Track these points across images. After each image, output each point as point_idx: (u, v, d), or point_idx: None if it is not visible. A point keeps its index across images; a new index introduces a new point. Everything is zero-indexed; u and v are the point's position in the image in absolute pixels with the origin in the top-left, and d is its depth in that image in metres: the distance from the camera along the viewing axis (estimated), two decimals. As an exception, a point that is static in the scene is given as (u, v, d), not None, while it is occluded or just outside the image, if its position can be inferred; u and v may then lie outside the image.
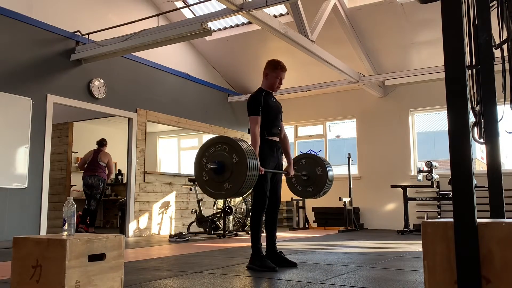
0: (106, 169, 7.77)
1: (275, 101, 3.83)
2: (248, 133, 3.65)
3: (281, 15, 7.96)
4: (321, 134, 9.97)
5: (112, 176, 9.03)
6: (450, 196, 1.91)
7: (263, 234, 3.59)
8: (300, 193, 4.30)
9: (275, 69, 3.71)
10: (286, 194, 6.20)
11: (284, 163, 3.90)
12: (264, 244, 3.59)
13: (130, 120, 7.29)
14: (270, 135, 3.66)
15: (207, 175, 3.03)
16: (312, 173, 4.19)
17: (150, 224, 7.45)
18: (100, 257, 2.25)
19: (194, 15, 8.06)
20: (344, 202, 8.18)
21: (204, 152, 3.11)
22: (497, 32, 2.40)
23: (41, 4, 6.26)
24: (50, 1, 6.42)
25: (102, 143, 8.01)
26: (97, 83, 6.71)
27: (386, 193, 8.71)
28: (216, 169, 3.02)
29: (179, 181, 8.10)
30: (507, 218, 1.83)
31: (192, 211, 7.70)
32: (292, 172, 3.93)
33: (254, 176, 3.04)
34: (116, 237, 2.36)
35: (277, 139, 3.76)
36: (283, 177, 3.91)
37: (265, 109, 3.63)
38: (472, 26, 2.27)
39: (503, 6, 2.37)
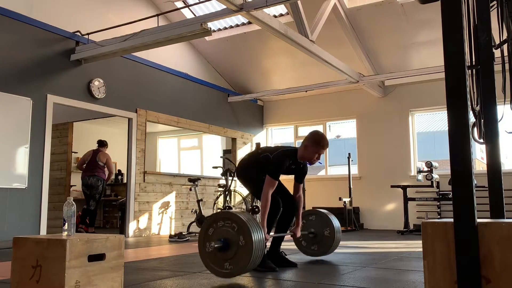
0: (106, 169, 7.77)
1: (294, 167, 3.70)
2: (257, 147, 3.64)
3: (281, 15, 7.96)
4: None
5: (113, 176, 9.01)
6: (450, 196, 1.91)
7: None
8: (303, 249, 4.22)
9: (317, 145, 3.58)
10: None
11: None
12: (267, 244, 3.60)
13: (130, 120, 7.29)
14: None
15: (210, 248, 2.97)
16: (319, 232, 4.13)
17: (150, 224, 7.45)
18: (100, 257, 2.25)
19: (194, 15, 8.06)
20: (344, 202, 8.18)
21: (212, 224, 3.05)
22: (497, 32, 2.40)
23: (41, 4, 6.26)
24: (50, 1, 6.42)
25: (102, 143, 8.01)
26: (97, 83, 6.71)
27: (386, 193, 8.71)
28: (221, 247, 2.96)
29: (179, 181, 8.10)
30: (507, 218, 1.83)
31: (192, 211, 7.70)
32: (298, 234, 3.87)
33: (259, 256, 2.97)
34: (116, 237, 2.36)
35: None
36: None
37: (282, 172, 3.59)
38: (472, 26, 2.27)
39: (503, 6, 2.37)
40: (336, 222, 4.15)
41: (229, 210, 7.05)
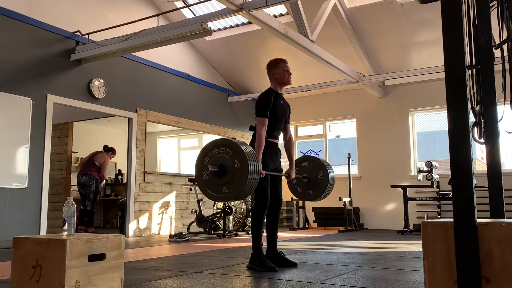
0: (102, 164, 7.74)
1: (283, 103, 3.78)
2: (250, 129, 3.65)
3: (281, 15, 7.96)
4: (321, 134, 9.97)
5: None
6: (450, 196, 1.91)
7: (264, 234, 3.59)
8: (299, 195, 4.28)
9: (277, 64, 3.75)
10: (286, 194, 6.19)
11: (286, 164, 3.89)
12: (264, 244, 3.60)
13: (130, 120, 7.29)
14: (270, 137, 3.66)
15: (207, 176, 3.02)
16: (314, 176, 4.17)
17: (150, 224, 7.45)
18: (100, 257, 2.25)
19: (194, 15, 8.06)
20: (344, 202, 8.18)
21: (207, 153, 3.10)
22: (497, 32, 2.40)
23: (41, 4, 6.26)
24: (50, 1, 6.42)
25: (106, 147, 8.05)
26: (97, 83, 6.71)
27: (386, 193, 8.71)
28: (217, 171, 3.01)
29: (179, 181, 8.10)
30: (507, 218, 1.83)
31: (192, 211, 7.70)
32: (293, 175, 3.92)
33: (254, 181, 3.03)
34: (116, 237, 2.36)
35: (277, 141, 3.76)
36: (284, 178, 3.91)
37: (272, 112, 3.61)
38: (472, 26, 2.27)
39: (503, 6, 2.37)
40: (328, 164, 4.20)
41: (229, 213, 7.07)
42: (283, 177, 3.86)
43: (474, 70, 2.31)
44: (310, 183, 4.19)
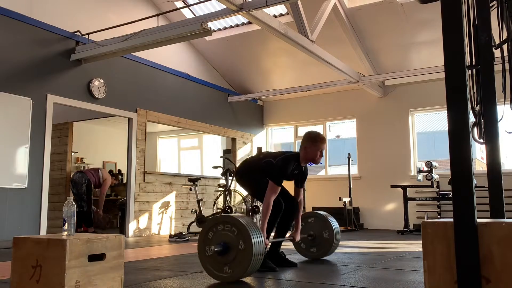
0: (100, 180, 7.81)
1: (297, 173, 3.69)
2: (258, 152, 3.63)
3: (281, 15, 7.96)
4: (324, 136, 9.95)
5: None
6: (450, 196, 1.91)
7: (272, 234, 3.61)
8: (303, 252, 4.20)
9: (315, 142, 3.59)
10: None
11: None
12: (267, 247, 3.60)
13: (130, 120, 7.29)
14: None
15: (210, 251, 2.97)
16: (319, 234, 4.11)
17: (150, 224, 7.45)
18: (100, 257, 2.25)
19: (194, 15, 8.06)
20: (344, 202, 8.18)
21: (212, 227, 3.03)
22: (497, 32, 2.40)
23: (41, 4, 6.26)
24: (50, 1, 6.42)
25: (112, 172, 8.32)
26: (97, 83, 6.70)
27: (386, 193, 8.71)
28: (221, 251, 2.95)
29: (179, 181, 8.10)
30: (507, 218, 1.83)
31: (192, 211, 7.70)
32: (297, 238, 3.85)
33: (258, 260, 2.96)
34: (116, 237, 2.36)
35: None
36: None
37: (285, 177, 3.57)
38: (472, 26, 2.27)
39: (503, 6, 2.37)
40: (335, 224, 4.14)
41: (229, 213, 7.06)
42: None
43: (474, 70, 2.31)
44: (314, 241, 4.13)
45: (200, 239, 3.06)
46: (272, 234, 3.61)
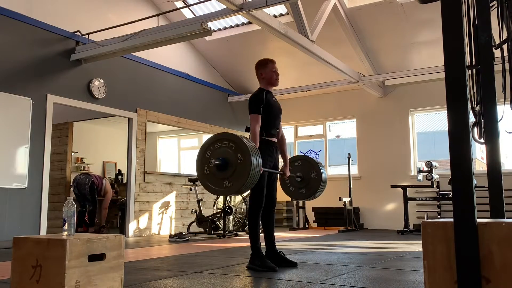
0: (102, 187, 7.88)
1: (275, 100, 3.83)
2: (247, 131, 3.66)
3: (281, 15, 7.96)
4: (321, 134, 9.97)
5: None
6: (450, 196, 1.91)
7: (261, 234, 3.59)
8: (292, 194, 4.29)
9: (266, 64, 3.82)
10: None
11: (280, 162, 3.90)
12: (263, 244, 3.59)
13: (130, 120, 7.29)
14: (268, 135, 3.66)
15: (209, 169, 3.01)
16: (306, 175, 4.19)
17: (150, 224, 7.45)
18: (100, 257, 2.25)
19: (194, 15, 8.06)
20: (344, 202, 8.18)
21: (209, 146, 3.09)
22: (497, 32, 2.40)
23: (41, 4, 6.26)
24: (50, 1, 6.42)
25: (114, 185, 8.51)
26: (97, 83, 6.71)
27: (386, 193, 8.71)
28: (220, 165, 3.00)
29: (179, 181, 8.10)
30: (507, 218, 1.83)
31: (192, 211, 7.70)
32: (288, 173, 3.92)
33: (256, 175, 3.03)
34: (116, 237, 2.36)
35: (275, 139, 3.76)
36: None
37: (266, 108, 3.64)
38: (472, 26, 2.27)
39: (503, 6, 2.37)
40: (319, 163, 4.22)
41: (229, 213, 7.06)
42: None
43: (474, 70, 2.31)
44: (303, 182, 4.21)
45: (198, 160, 3.12)
46: (261, 234, 3.59)
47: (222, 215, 7.06)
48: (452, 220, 1.51)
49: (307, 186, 4.18)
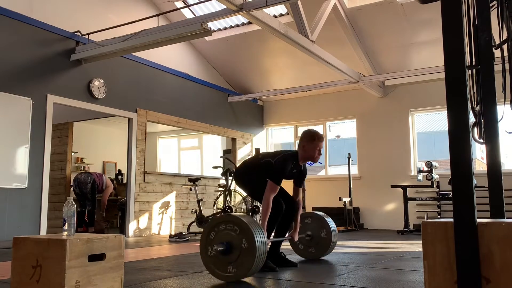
0: (103, 184, 7.90)
1: (296, 172, 3.71)
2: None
3: (281, 15, 7.96)
4: (321, 134, 9.96)
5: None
6: (450, 196, 1.91)
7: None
8: (301, 252, 4.20)
9: (312, 140, 3.61)
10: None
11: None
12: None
13: (130, 120, 7.29)
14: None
15: (213, 251, 2.96)
16: (316, 234, 4.12)
17: (150, 224, 7.45)
18: (100, 257, 2.25)
19: (194, 15, 8.06)
20: (344, 202, 8.18)
21: (214, 228, 3.03)
22: (497, 32, 2.40)
23: (41, 4, 6.26)
24: (50, 1, 6.42)
25: (112, 180, 8.56)
26: (97, 83, 6.70)
27: (386, 193, 8.71)
28: (224, 250, 2.95)
29: (179, 181, 8.10)
30: (507, 218, 1.83)
31: (192, 211, 7.70)
32: (296, 238, 3.84)
33: (262, 258, 2.95)
34: (116, 237, 2.36)
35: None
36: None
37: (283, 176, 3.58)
38: (472, 26, 2.27)
39: (503, 6, 2.37)
40: (332, 224, 4.15)
41: (229, 213, 7.06)
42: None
43: (474, 70, 2.31)
44: (312, 241, 4.14)
45: (202, 240, 3.06)
46: (273, 234, 3.61)
47: (224, 214, 7.05)
48: (452, 220, 1.51)
49: (317, 245, 4.12)
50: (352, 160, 8.68)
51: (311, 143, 3.61)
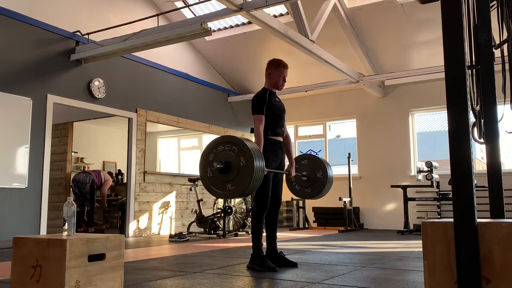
0: (102, 180, 7.90)
1: (279, 100, 3.82)
2: (251, 132, 3.67)
3: (281, 15, 7.96)
4: (321, 134, 9.97)
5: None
6: (450, 196, 1.91)
7: (264, 234, 3.59)
8: (298, 193, 4.29)
9: (277, 67, 3.73)
10: (286, 194, 6.19)
11: (286, 162, 3.90)
12: (264, 244, 3.60)
13: (130, 120, 7.29)
14: (273, 135, 3.66)
15: (212, 172, 3.01)
16: (313, 174, 4.18)
17: (150, 224, 7.45)
18: (100, 257, 2.25)
19: (194, 15, 8.06)
20: (344, 202, 8.18)
21: (213, 149, 3.10)
22: (497, 32, 2.40)
23: (41, 4, 6.26)
24: (50, 1, 6.42)
25: (111, 173, 8.57)
26: (97, 83, 6.71)
27: (386, 193, 8.71)
28: (222, 168, 3.00)
29: (179, 181, 8.10)
30: (507, 218, 1.83)
31: (192, 211, 7.70)
32: (293, 173, 3.93)
33: (259, 178, 3.02)
34: (116, 237, 2.36)
35: (281, 139, 3.76)
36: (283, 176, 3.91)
37: (269, 108, 3.63)
38: (472, 26, 2.27)
39: (503, 6, 2.37)
40: (326, 162, 4.22)
41: (229, 213, 7.06)
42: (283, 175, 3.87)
43: (474, 70, 2.31)
44: (308, 181, 4.20)
45: (201, 163, 3.13)
46: (264, 234, 3.59)
47: (222, 215, 7.06)
48: (452, 220, 1.51)
49: (313, 185, 4.18)
50: (352, 160, 8.68)
51: (276, 70, 3.73)
